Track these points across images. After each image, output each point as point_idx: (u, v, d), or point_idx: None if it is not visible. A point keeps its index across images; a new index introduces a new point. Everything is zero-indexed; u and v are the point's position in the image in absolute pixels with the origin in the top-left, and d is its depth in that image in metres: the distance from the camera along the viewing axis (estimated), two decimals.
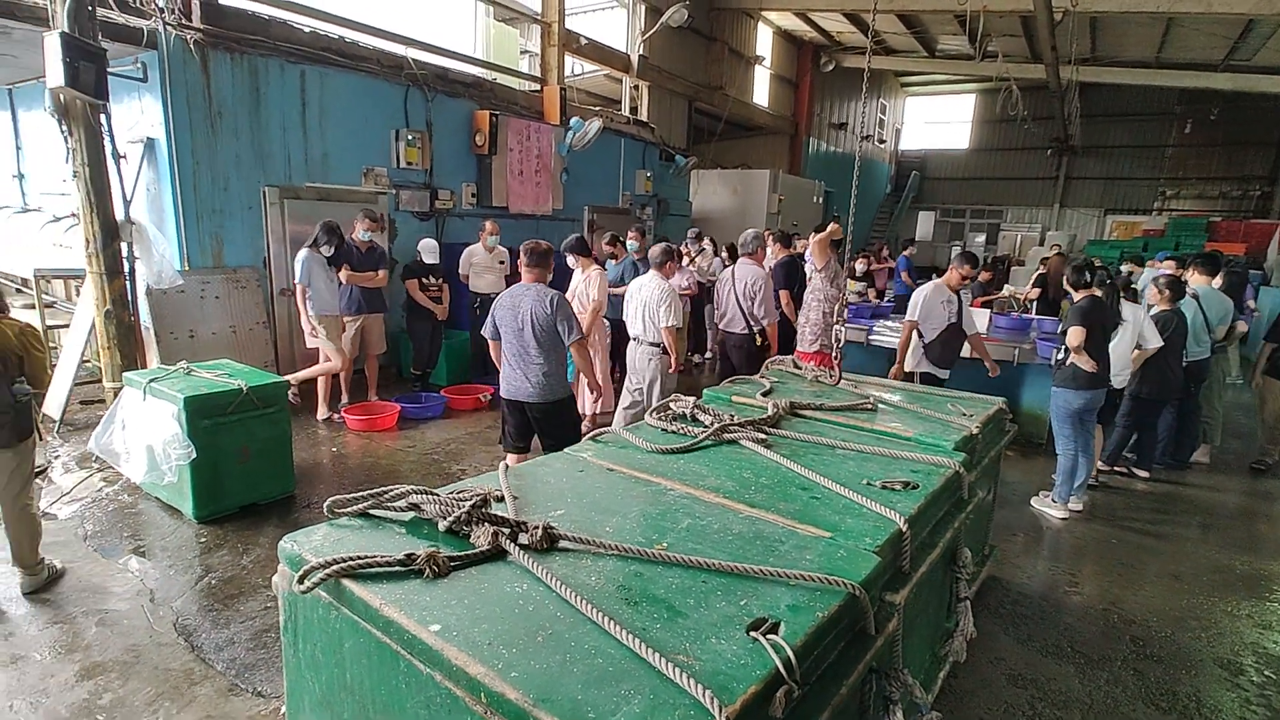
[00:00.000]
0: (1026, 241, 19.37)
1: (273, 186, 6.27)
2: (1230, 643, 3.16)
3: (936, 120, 23.34)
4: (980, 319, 7.46)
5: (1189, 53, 13.53)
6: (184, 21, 5.56)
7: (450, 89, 7.87)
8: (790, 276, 6.59)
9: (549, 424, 3.87)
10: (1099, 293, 4.40)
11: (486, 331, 3.91)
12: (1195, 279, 5.47)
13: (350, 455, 5.18)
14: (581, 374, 5.65)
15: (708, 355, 9.28)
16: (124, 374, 4.41)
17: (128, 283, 5.27)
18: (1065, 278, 4.66)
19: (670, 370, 5.21)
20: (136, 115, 5.73)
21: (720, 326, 5.60)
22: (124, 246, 5.21)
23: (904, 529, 1.84)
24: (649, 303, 5.02)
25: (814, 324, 5.25)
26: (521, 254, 3.85)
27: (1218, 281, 5.53)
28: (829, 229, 5.20)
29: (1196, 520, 4.57)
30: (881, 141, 21.74)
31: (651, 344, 5.07)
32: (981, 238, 22.23)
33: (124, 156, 5.50)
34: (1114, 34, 13.31)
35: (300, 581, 1.47)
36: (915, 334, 4.93)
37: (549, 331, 3.69)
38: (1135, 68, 14.69)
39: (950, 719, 2.51)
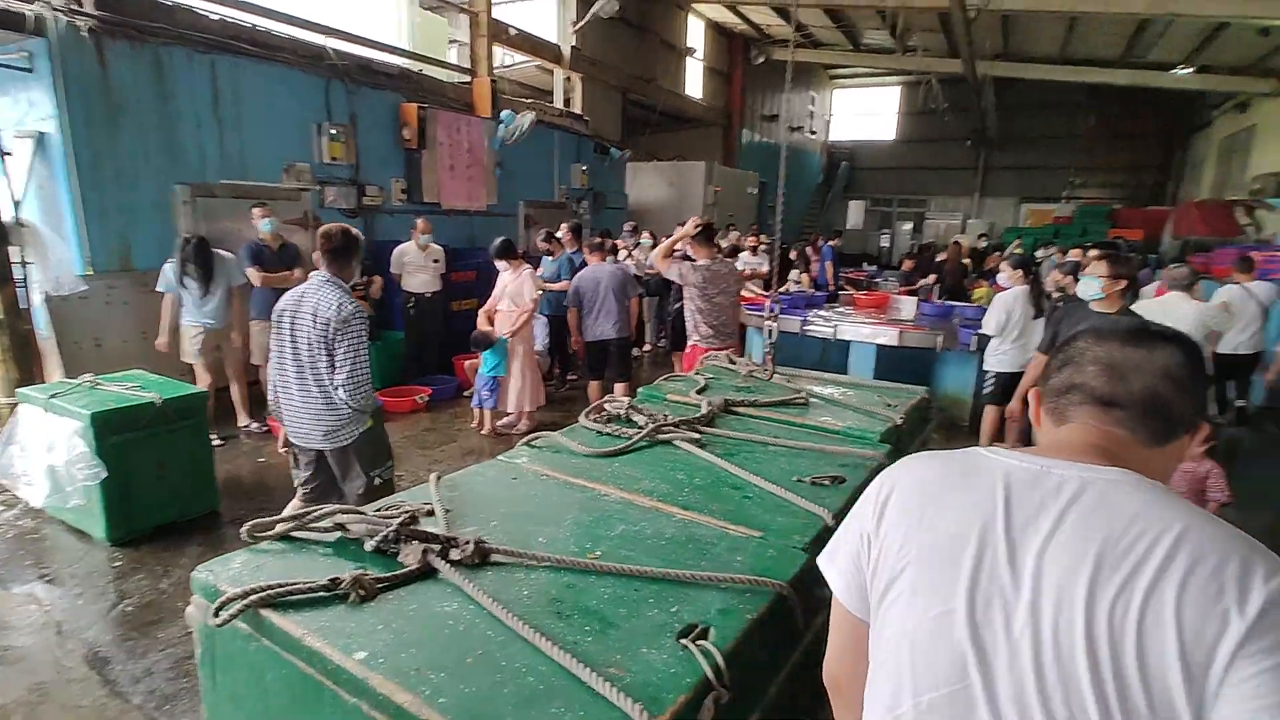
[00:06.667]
0: (950, 230, 20.26)
1: (185, 184, 5.91)
2: None
3: (864, 112, 24.07)
4: (907, 307, 7.78)
5: (1091, 49, 14.37)
6: (75, 7, 5.17)
7: (374, 81, 7.61)
8: None
9: (618, 354, 5.71)
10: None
11: (569, 301, 5.75)
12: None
13: (278, 466, 4.97)
14: (512, 373, 5.63)
15: (647, 348, 9.34)
16: (18, 390, 4.10)
17: (21, 290, 4.90)
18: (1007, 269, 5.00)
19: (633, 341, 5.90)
20: (24, 108, 5.30)
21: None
22: (14, 250, 4.83)
23: (831, 524, 1.90)
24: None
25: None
26: (586, 244, 6.12)
27: None
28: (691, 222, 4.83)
29: None
30: (812, 132, 22.26)
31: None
32: (909, 226, 23.13)
33: (9, 153, 5.10)
34: (1024, 31, 14.00)
35: (216, 614, 1.40)
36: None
37: (624, 291, 5.61)
38: (1043, 63, 15.50)
39: None
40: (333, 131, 7.04)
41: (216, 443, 5.22)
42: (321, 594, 1.45)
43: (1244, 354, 5.87)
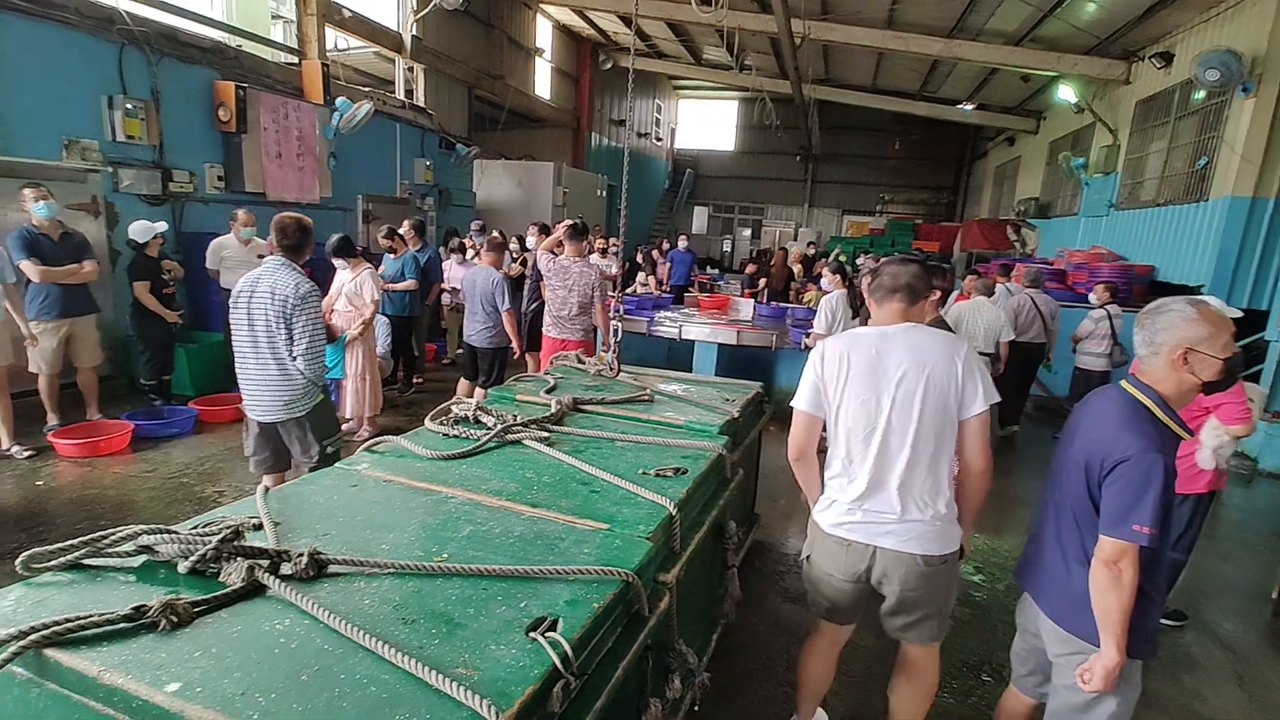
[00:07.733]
0: (783, 237, 21.91)
1: None
2: None
3: (707, 123, 25.29)
4: (746, 309, 8.30)
5: (896, 82, 16.21)
6: None
7: (182, 53, 6.79)
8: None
9: (488, 362, 5.55)
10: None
11: (458, 298, 6.30)
12: None
13: (63, 489, 4.30)
14: (351, 377, 5.31)
15: None
16: None
17: None
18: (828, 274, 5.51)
19: (515, 356, 5.68)
20: None
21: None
22: None
23: (674, 513, 2.01)
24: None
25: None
26: (485, 244, 5.74)
27: None
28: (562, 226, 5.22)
29: None
30: (659, 140, 23.01)
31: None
32: (748, 232, 24.71)
33: None
34: (841, 61, 15.49)
35: None
36: None
37: (491, 300, 5.33)
38: (858, 91, 17.23)
39: (722, 675, 2.81)
40: (129, 106, 6.18)
41: None
42: (124, 625, 1.31)
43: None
